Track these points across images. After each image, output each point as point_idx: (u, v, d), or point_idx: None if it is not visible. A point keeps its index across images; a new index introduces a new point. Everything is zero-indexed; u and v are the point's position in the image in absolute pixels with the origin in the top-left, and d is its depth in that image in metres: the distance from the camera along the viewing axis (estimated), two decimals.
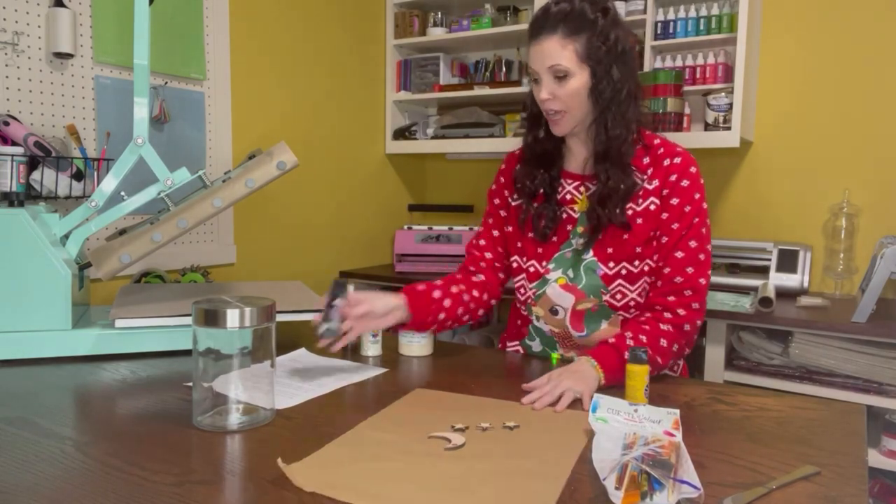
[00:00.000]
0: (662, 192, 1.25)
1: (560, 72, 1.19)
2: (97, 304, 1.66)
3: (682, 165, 1.25)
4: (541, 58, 1.20)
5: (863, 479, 0.80)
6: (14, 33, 1.58)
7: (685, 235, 1.23)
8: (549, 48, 1.19)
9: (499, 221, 1.42)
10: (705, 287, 1.23)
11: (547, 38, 1.19)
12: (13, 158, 1.32)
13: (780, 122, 2.34)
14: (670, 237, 1.23)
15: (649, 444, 0.80)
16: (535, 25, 1.22)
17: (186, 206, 1.29)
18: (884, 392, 1.78)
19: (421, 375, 1.21)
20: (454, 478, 0.78)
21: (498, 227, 1.42)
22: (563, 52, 1.19)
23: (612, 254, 1.26)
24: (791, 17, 2.30)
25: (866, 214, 2.22)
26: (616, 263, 1.26)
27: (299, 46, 2.38)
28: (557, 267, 1.30)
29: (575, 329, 1.30)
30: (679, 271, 1.22)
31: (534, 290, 1.33)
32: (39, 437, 0.88)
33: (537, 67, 1.21)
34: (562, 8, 1.19)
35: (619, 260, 1.26)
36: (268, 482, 0.76)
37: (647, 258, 1.25)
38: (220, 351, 0.93)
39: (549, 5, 1.21)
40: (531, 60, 1.23)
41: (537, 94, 1.24)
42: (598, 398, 0.91)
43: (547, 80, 1.21)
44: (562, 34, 1.19)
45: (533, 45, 1.22)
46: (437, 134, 2.76)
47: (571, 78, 1.20)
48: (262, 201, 2.25)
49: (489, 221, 1.44)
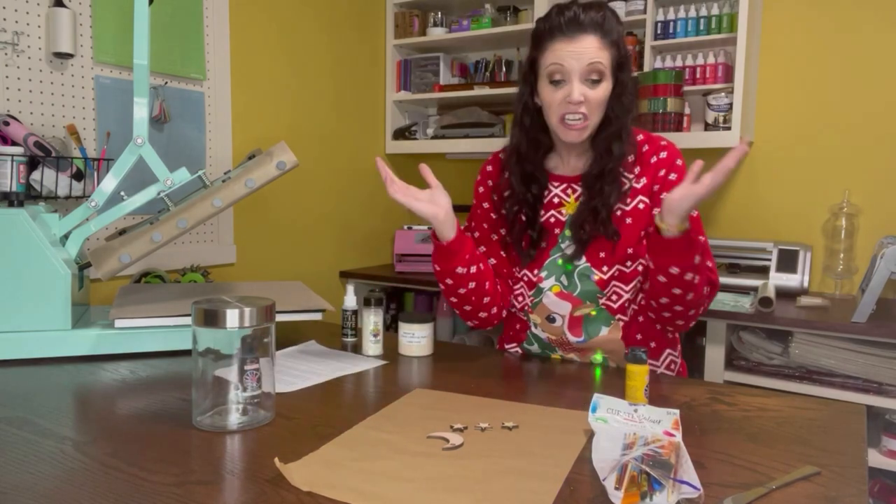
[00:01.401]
0: (653, 187, 1.25)
1: (597, 73, 1.17)
2: (97, 304, 1.66)
3: (669, 159, 1.25)
4: (578, 56, 1.16)
5: (863, 479, 0.80)
6: (14, 33, 1.58)
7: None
8: (590, 46, 1.16)
9: (494, 224, 1.37)
10: (708, 246, 1.22)
11: (586, 37, 1.16)
12: (13, 158, 1.32)
13: (780, 122, 2.34)
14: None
15: (649, 444, 0.80)
16: (571, 23, 1.17)
17: (186, 206, 1.29)
18: (884, 392, 1.78)
19: (421, 375, 1.21)
20: (452, 478, 0.78)
21: (496, 230, 1.38)
22: (602, 54, 1.16)
23: (605, 258, 1.25)
24: (791, 18, 2.30)
25: (866, 214, 2.22)
26: (609, 267, 1.25)
27: (299, 47, 2.38)
28: (550, 274, 1.29)
29: (573, 335, 1.29)
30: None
31: (531, 298, 1.32)
32: (39, 437, 0.88)
33: (570, 65, 1.16)
34: (594, 16, 1.16)
35: (612, 263, 1.25)
36: (267, 482, 0.76)
37: (641, 257, 1.25)
38: (219, 351, 0.93)
39: (577, 10, 1.17)
40: (560, 58, 1.17)
41: (553, 95, 1.19)
42: (598, 398, 0.91)
43: (579, 81, 1.17)
44: (599, 38, 1.16)
45: (565, 41, 1.17)
46: (437, 134, 2.76)
47: (603, 83, 1.18)
48: (262, 201, 2.25)
49: (484, 226, 1.39)
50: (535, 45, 1.24)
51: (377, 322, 1.34)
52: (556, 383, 1.18)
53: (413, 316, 1.34)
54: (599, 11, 1.18)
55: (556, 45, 1.18)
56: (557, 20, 1.18)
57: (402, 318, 1.34)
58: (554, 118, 1.22)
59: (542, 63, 1.21)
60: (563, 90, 1.18)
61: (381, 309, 1.35)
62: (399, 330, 1.34)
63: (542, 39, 1.21)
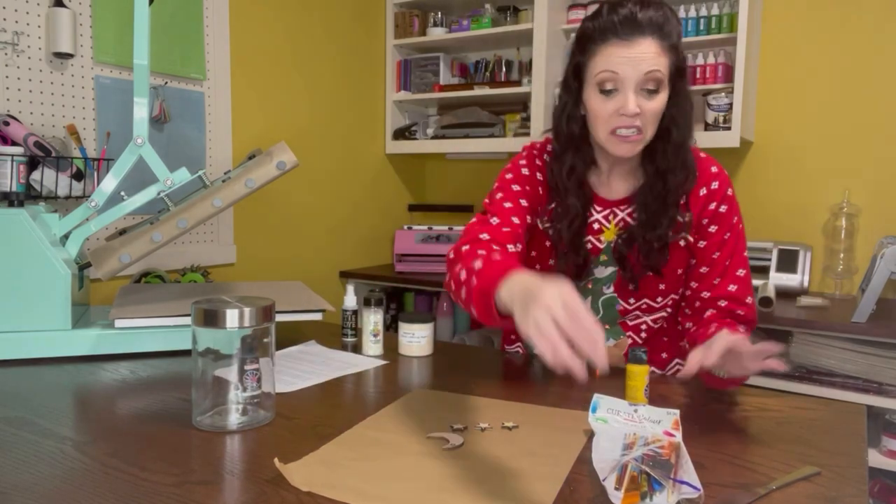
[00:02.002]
0: (701, 221, 1.14)
1: (655, 82, 1.03)
2: (97, 304, 1.66)
3: (721, 191, 1.14)
4: (635, 63, 1.01)
5: (863, 479, 0.80)
6: (14, 33, 1.58)
7: (730, 265, 1.14)
8: (649, 51, 1.01)
9: (533, 205, 1.18)
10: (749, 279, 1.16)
11: (644, 40, 1.01)
12: (13, 158, 1.32)
13: (780, 122, 2.34)
14: (712, 268, 1.14)
15: (649, 444, 0.80)
16: (627, 23, 1.01)
17: (186, 206, 1.28)
18: (884, 392, 1.78)
19: (421, 375, 1.21)
20: (452, 478, 0.78)
21: (530, 212, 1.18)
22: (661, 60, 1.02)
23: (634, 291, 1.18)
24: (791, 18, 2.30)
25: (866, 214, 2.22)
26: (637, 300, 1.19)
27: (299, 47, 2.38)
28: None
29: None
30: (738, 304, 1.14)
31: None
32: (39, 437, 0.88)
33: (625, 73, 1.02)
34: (654, 15, 1.02)
35: (640, 297, 1.19)
36: (267, 482, 0.76)
37: (672, 293, 1.19)
38: (219, 351, 0.93)
39: (633, 7, 1.02)
40: (614, 64, 1.02)
41: (603, 106, 1.05)
42: (598, 398, 0.91)
43: (635, 91, 1.03)
44: (658, 41, 1.02)
45: (619, 45, 1.02)
46: (437, 134, 2.76)
47: (660, 93, 1.05)
48: (262, 201, 2.25)
49: (522, 203, 1.16)
50: (580, 47, 1.09)
51: (377, 322, 1.34)
52: (556, 383, 1.17)
53: (413, 316, 1.34)
54: (659, 10, 1.03)
55: (609, 50, 1.03)
56: (610, 19, 1.03)
57: (402, 318, 1.34)
58: (603, 131, 1.08)
59: (591, 69, 1.06)
60: (615, 100, 1.04)
61: (381, 309, 1.35)
62: (399, 330, 1.34)
63: (590, 42, 1.06)
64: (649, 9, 1.02)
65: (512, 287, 0.84)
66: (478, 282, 0.92)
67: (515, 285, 0.83)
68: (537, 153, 1.23)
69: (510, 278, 0.85)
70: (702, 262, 1.16)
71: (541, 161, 1.22)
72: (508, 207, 1.14)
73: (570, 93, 1.12)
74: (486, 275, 0.90)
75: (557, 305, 0.72)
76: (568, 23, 2.49)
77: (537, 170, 1.21)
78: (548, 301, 0.72)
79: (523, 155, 1.24)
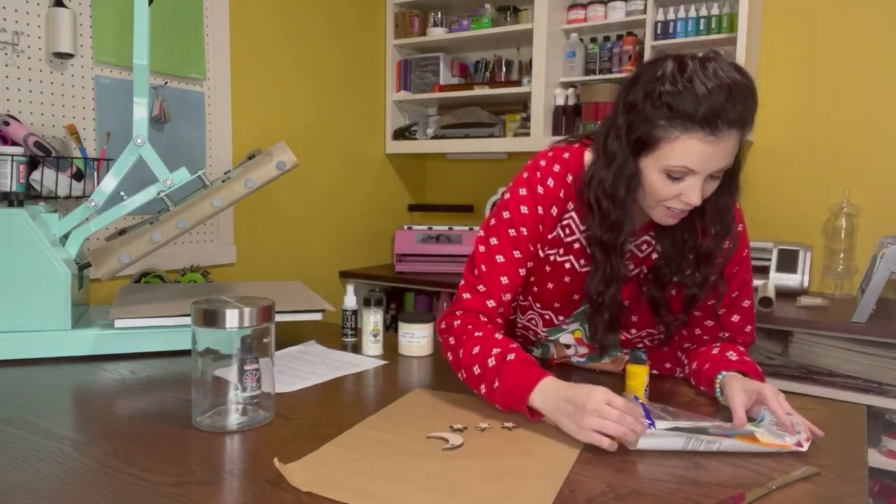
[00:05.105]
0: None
1: (722, 171, 0.96)
2: (97, 304, 1.66)
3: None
4: (715, 158, 0.92)
5: (863, 479, 0.80)
6: (14, 33, 1.58)
7: (736, 298, 1.13)
8: (730, 148, 0.93)
9: (528, 256, 1.11)
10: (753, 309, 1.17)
11: (729, 136, 0.91)
12: (13, 158, 1.32)
13: (780, 123, 2.34)
14: (719, 300, 1.12)
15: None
16: (716, 118, 0.89)
17: (186, 206, 1.28)
18: (884, 392, 1.78)
19: (421, 375, 1.21)
20: (452, 478, 0.78)
21: (524, 264, 1.11)
22: (735, 149, 0.95)
23: (637, 322, 1.17)
24: (791, 18, 2.30)
25: (866, 214, 2.22)
26: (639, 329, 1.19)
27: (299, 46, 2.38)
28: (575, 320, 1.20)
29: (577, 356, 1.27)
30: (739, 333, 1.15)
31: (545, 334, 1.24)
32: (38, 437, 0.88)
33: (702, 168, 0.93)
34: (743, 113, 0.90)
35: (642, 327, 1.18)
36: (266, 482, 0.76)
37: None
38: (219, 351, 0.93)
39: (725, 99, 0.88)
40: (693, 161, 0.92)
41: (667, 190, 0.96)
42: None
43: (702, 180, 0.95)
44: (740, 134, 0.93)
45: (704, 142, 0.91)
46: (437, 134, 2.76)
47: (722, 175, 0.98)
48: (262, 201, 2.25)
49: (516, 255, 1.09)
50: (650, 117, 0.94)
51: (377, 322, 1.34)
52: None
53: (413, 316, 1.34)
54: (751, 100, 0.91)
55: (691, 143, 0.91)
56: (699, 108, 0.89)
57: (402, 318, 1.34)
58: (654, 202, 1.00)
59: (662, 151, 0.94)
60: (679, 185, 0.95)
61: (380, 309, 1.35)
62: (399, 330, 1.34)
63: (668, 119, 0.92)
64: (739, 103, 0.89)
65: (547, 399, 0.91)
66: (501, 388, 0.96)
67: (551, 400, 0.91)
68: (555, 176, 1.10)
69: (541, 389, 0.92)
70: (710, 297, 1.13)
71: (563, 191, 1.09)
72: (501, 263, 1.08)
73: (624, 147, 0.99)
74: (510, 385, 0.95)
75: (604, 409, 0.84)
76: (568, 23, 2.48)
77: (554, 202, 1.09)
78: (594, 406, 0.85)
79: (537, 177, 1.09)
